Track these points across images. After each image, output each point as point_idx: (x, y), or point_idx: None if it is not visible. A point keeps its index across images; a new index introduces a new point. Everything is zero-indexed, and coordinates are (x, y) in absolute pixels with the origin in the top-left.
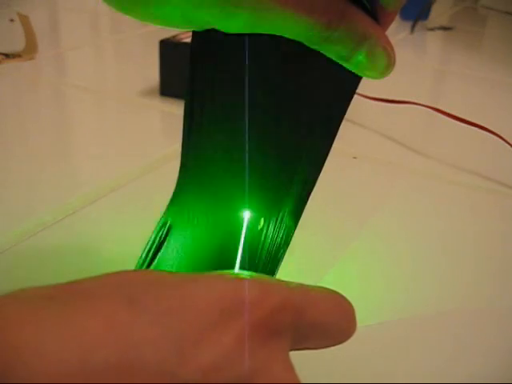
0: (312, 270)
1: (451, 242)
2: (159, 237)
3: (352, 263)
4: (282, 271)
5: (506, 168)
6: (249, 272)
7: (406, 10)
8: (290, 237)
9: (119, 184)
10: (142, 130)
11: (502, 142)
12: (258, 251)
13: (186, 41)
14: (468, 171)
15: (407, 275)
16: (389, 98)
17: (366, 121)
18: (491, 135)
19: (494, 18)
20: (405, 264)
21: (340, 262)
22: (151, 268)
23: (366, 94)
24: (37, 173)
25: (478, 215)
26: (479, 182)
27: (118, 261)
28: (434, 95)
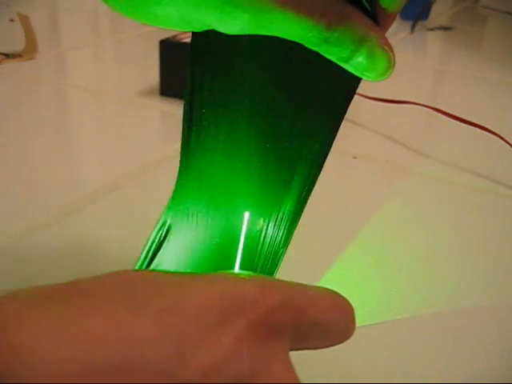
0: (311, 270)
1: (451, 241)
2: (159, 237)
3: (351, 263)
4: (282, 271)
5: (506, 168)
6: (248, 272)
7: (406, 10)
8: (290, 237)
9: (119, 184)
10: (141, 130)
11: (502, 141)
12: (258, 251)
13: (186, 41)
14: (468, 171)
15: (407, 275)
16: (389, 98)
17: (366, 121)
18: (491, 135)
19: (493, 18)
20: (404, 264)
21: (339, 261)
22: (151, 268)
23: (365, 94)
24: (37, 173)
25: (478, 215)
26: (479, 182)
27: (118, 261)
28: (433, 95)
